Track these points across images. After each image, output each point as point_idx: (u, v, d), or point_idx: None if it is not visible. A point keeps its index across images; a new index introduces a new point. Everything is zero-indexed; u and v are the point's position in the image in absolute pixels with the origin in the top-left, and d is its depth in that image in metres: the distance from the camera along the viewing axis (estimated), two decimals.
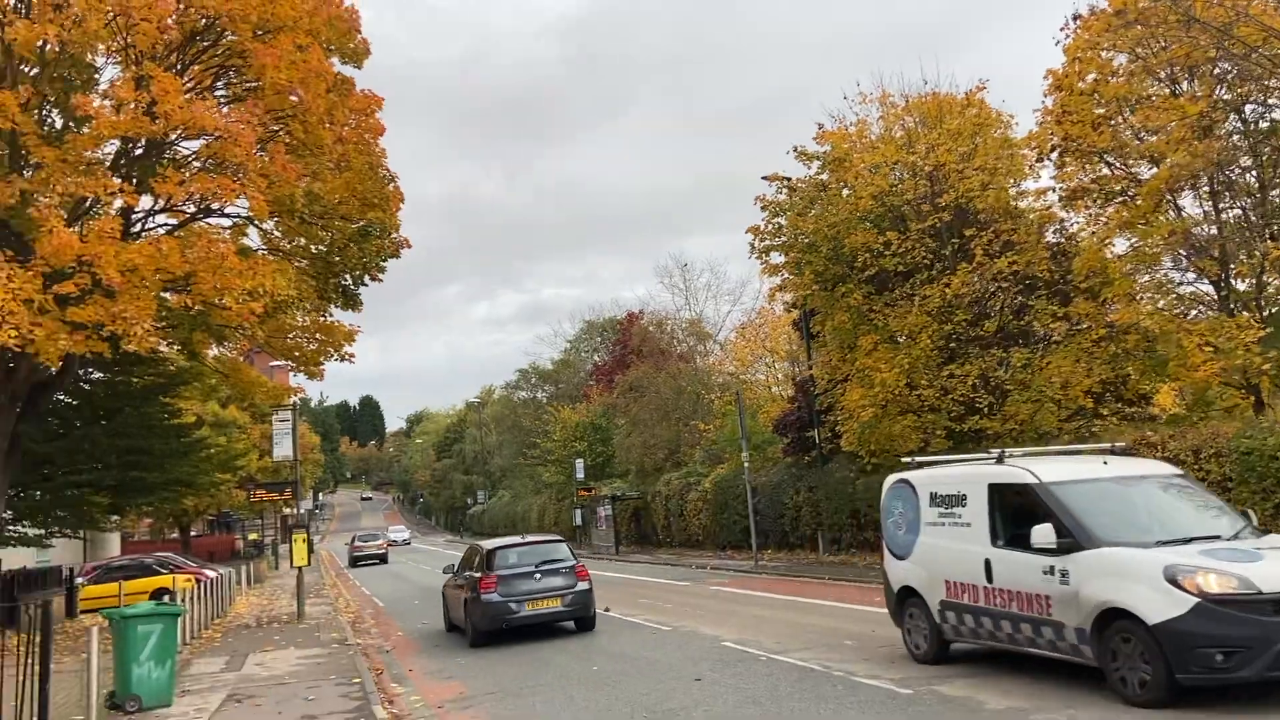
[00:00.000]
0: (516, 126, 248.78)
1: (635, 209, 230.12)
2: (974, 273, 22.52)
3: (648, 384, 44.20)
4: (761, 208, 25.12)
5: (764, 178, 26.97)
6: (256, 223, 21.81)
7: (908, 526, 11.25)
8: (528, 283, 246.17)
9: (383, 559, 51.30)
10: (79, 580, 28.85)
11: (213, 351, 24.21)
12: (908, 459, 12.25)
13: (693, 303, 55.09)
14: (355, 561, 51.25)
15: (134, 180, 17.24)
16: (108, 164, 17.35)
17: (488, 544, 17.39)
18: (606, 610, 18.19)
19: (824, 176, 25.76)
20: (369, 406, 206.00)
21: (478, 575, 16.02)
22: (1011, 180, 24.62)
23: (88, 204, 17.56)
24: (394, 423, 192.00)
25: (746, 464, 29.15)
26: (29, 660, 9.10)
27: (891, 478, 12.11)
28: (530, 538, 18.49)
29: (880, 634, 13.16)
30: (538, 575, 15.95)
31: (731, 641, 13.55)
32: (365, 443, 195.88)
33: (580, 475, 48.56)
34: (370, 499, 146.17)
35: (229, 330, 21.81)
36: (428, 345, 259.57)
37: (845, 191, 24.81)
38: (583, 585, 16.26)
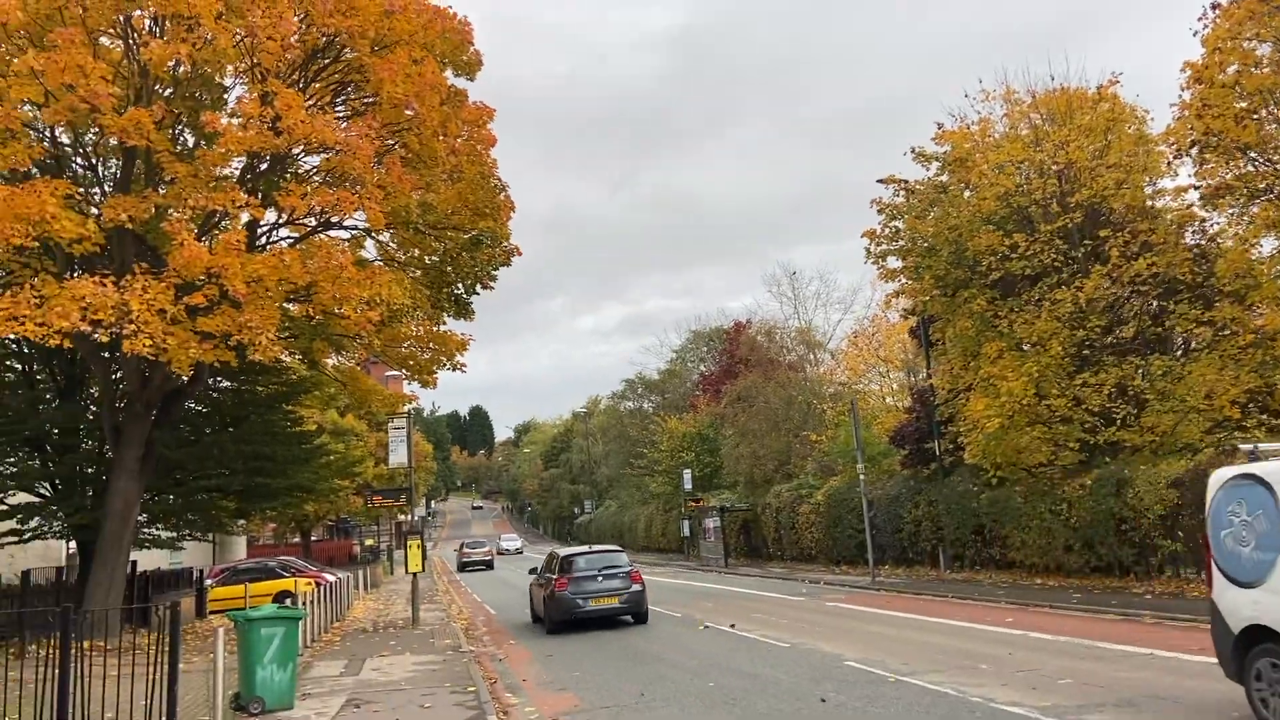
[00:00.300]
0: (620, 140, 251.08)
1: (739, 219, 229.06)
2: (1109, 276, 21.33)
3: (756, 393, 43.54)
4: (878, 211, 24.39)
5: (879, 181, 26.24)
6: (373, 235, 22.27)
7: (1259, 541, 8.13)
8: (632, 294, 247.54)
9: (489, 565, 54.64)
10: (208, 582, 29.98)
11: (331, 361, 24.81)
12: (1249, 447, 9.13)
13: (801, 311, 54.22)
14: (463, 567, 54.53)
15: (259, 195, 17.74)
16: (235, 179, 17.95)
17: (563, 551, 20.59)
18: (732, 626, 17.72)
19: (944, 178, 24.89)
20: (479, 416, 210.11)
21: (554, 576, 19.27)
22: (1147, 178, 23.30)
23: (216, 218, 18.18)
24: (503, 432, 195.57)
25: (862, 476, 28.27)
26: (159, 660, 9.27)
27: (1225, 473, 8.85)
28: (596, 547, 22.30)
29: (1018, 658, 12.37)
30: (600, 578, 19.08)
31: (855, 661, 12.94)
32: (475, 452, 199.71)
33: (688, 486, 48.16)
34: (480, 508, 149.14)
35: (347, 340, 22.34)
36: (535, 356, 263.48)
37: (967, 193, 23.89)
38: (636, 587, 19.14)
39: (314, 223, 20.43)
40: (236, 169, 18.40)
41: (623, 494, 74.11)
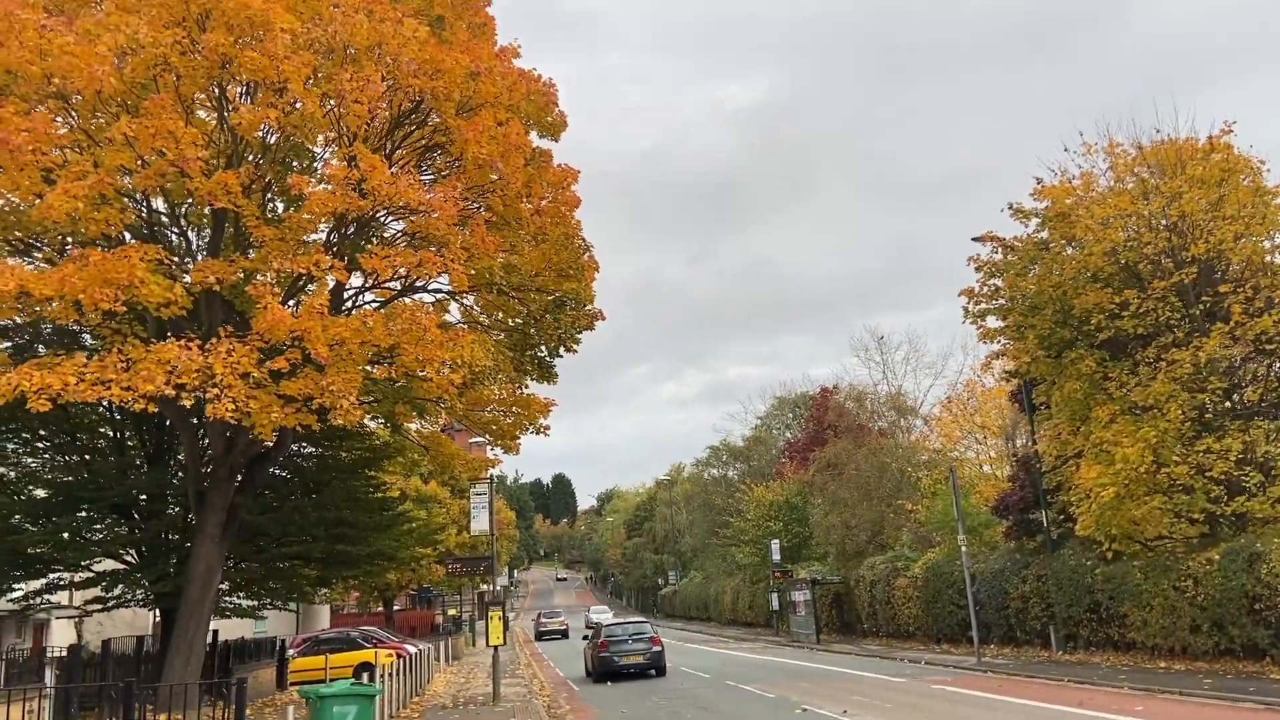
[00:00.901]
0: (700, 210, 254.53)
1: (821, 287, 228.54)
2: (1230, 335, 19.87)
3: (847, 460, 42.07)
4: (975, 269, 23.35)
5: (975, 239, 25.25)
6: (457, 298, 22.14)
7: None
8: (713, 362, 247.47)
9: (564, 634, 59.17)
10: (290, 652, 29.73)
11: (414, 426, 24.60)
12: None
13: (890, 377, 52.65)
14: (540, 636, 59.07)
15: (344, 259, 17.69)
16: (320, 244, 17.95)
17: (605, 624, 29.17)
18: (845, 713, 16.45)
19: (1043, 234, 23.79)
20: (561, 484, 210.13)
21: (598, 640, 27.15)
22: (1267, 231, 21.84)
23: (301, 282, 18.18)
24: (585, 500, 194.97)
25: (964, 548, 26.70)
26: None
27: None
28: (628, 620, 31.78)
29: None
30: (630, 641, 26.91)
31: None
32: (558, 520, 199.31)
33: (776, 557, 46.60)
34: (564, 579, 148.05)
35: (429, 404, 22.07)
36: (616, 424, 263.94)
37: (1070, 249, 22.72)
38: (656, 649, 26.88)
39: (398, 287, 20.43)
40: (323, 234, 18.44)
41: (708, 564, 72.40)
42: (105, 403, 21.49)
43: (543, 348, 22.12)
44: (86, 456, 21.75)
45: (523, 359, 21.91)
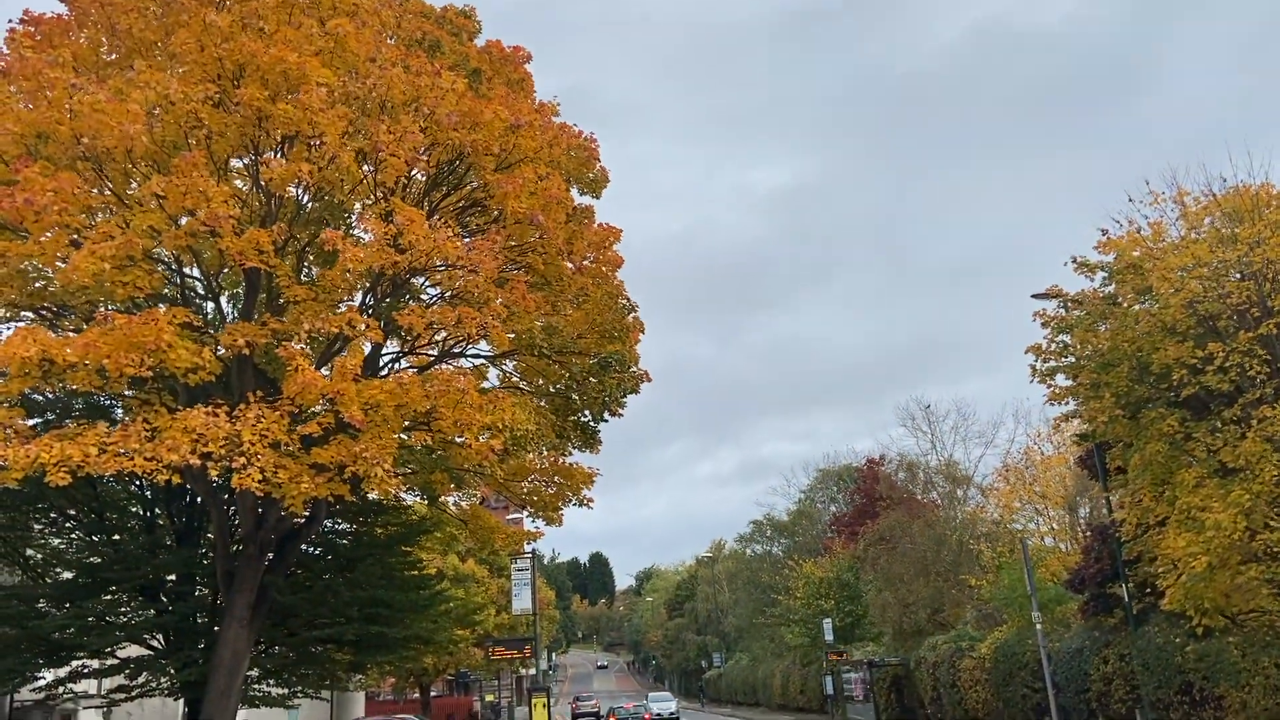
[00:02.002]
0: (729, 291, 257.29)
1: (850, 365, 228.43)
2: None
3: (901, 533, 40.21)
4: (1042, 324, 22.07)
5: (1035, 295, 24.05)
6: (496, 364, 21.29)
7: None
8: (747, 439, 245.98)
9: (598, 717, 63.00)
10: None
11: (452, 500, 23.55)
12: None
13: (939, 446, 50.81)
14: (575, 718, 64.12)
15: (380, 320, 16.93)
16: (356, 307, 17.21)
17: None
18: None
19: (1110, 288, 22.57)
20: (598, 564, 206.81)
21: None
22: None
23: (336, 346, 17.42)
24: (623, 580, 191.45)
25: (1039, 626, 24.90)
26: None
27: None
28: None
29: None
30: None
31: None
32: (595, 601, 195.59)
33: (829, 637, 44.45)
34: (605, 666, 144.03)
35: (468, 475, 21.06)
36: (652, 503, 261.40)
37: (1143, 302, 21.45)
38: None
39: (435, 354, 19.63)
40: (358, 299, 17.74)
41: (754, 645, 69.71)
42: (136, 480, 20.75)
43: (586, 413, 21.09)
44: (115, 536, 20.91)
45: (565, 424, 20.88)
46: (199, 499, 20.76)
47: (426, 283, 19.85)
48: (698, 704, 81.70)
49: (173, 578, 20.19)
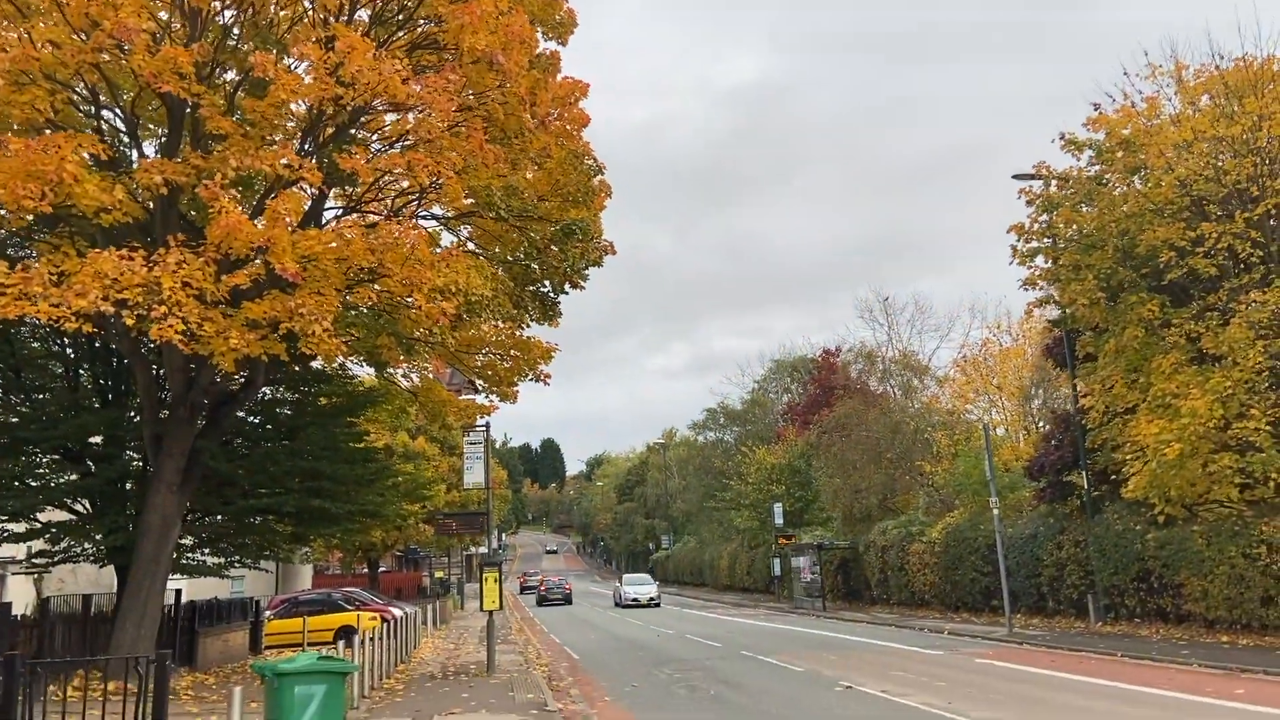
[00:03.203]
0: (688, 186, 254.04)
1: (807, 264, 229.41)
2: None
3: (857, 421, 39.97)
4: (1027, 201, 21.11)
5: (1015, 176, 22.98)
6: (451, 230, 19.83)
7: None
8: (699, 335, 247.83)
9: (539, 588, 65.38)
10: (266, 614, 27.61)
11: (401, 371, 22.32)
12: None
13: (895, 338, 50.44)
14: (524, 590, 70.33)
15: (321, 166, 15.34)
16: (295, 150, 15.53)
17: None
18: (883, 690, 14.49)
19: (1097, 168, 21.60)
20: (550, 449, 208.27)
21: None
22: None
23: (273, 196, 15.82)
24: (574, 466, 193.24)
25: (997, 511, 24.67)
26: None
27: None
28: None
29: None
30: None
31: None
32: (546, 485, 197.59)
33: (779, 521, 44.66)
34: (555, 551, 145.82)
35: (418, 344, 19.79)
36: (606, 393, 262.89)
37: (1134, 180, 20.52)
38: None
39: (384, 212, 18.08)
40: (295, 145, 16.05)
41: (702, 530, 70.55)
42: (58, 338, 19.19)
43: (546, 283, 19.78)
44: (36, 396, 19.46)
45: (523, 294, 19.58)
46: (126, 362, 19.28)
47: (375, 138, 18.20)
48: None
49: (98, 440, 18.85)
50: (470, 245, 19.95)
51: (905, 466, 38.00)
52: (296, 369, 21.14)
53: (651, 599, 45.41)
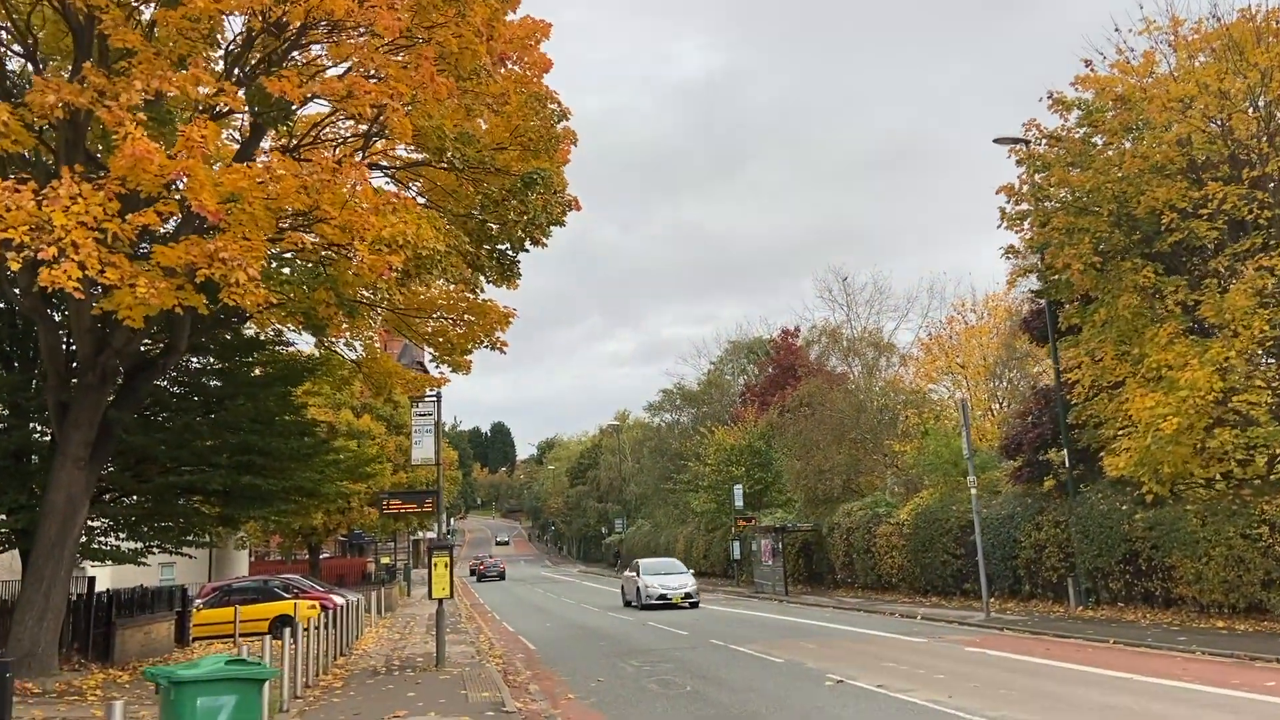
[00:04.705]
0: (635, 177, 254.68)
1: (755, 255, 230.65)
2: None
3: (820, 400, 38.81)
4: (1018, 161, 19.90)
5: (996, 140, 21.82)
6: (399, 182, 18.09)
7: None
8: (647, 323, 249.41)
9: (501, 576, 70.23)
10: (195, 603, 25.67)
11: (344, 340, 20.49)
12: None
13: (854, 318, 49.40)
14: (482, 576, 69.04)
15: (249, 94, 13.53)
16: (222, 76, 13.68)
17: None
18: (879, 685, 13.17)
19: (1086, 128, 20.49)
20: (500, 433, 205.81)
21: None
22: None
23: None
24: (524, 450, 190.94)
25: (974, 490, 23.62)
26: None
27: None
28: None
29: None
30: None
31: None
32: (496, 469, 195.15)
33: (739, 503, 43.45)
34: (506, 542, 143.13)
35: (361, 306, 18.02)
36: (555, 380, 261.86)
37: (1126, 141, 19.41)
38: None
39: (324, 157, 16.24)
40: (221, 64, 14.20)
41: (657, 513, 69.21)
42: None
43: (505, 242, 18.09)
44: None
45: (479, 254, 17.89)
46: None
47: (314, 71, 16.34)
48: (596, 569, 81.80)
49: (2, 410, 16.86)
50: (421, 201, 18.23)
51: (871, 446, 36.97)
52: (227, 336, 19.27)
53: (689, 596, 31.71)
